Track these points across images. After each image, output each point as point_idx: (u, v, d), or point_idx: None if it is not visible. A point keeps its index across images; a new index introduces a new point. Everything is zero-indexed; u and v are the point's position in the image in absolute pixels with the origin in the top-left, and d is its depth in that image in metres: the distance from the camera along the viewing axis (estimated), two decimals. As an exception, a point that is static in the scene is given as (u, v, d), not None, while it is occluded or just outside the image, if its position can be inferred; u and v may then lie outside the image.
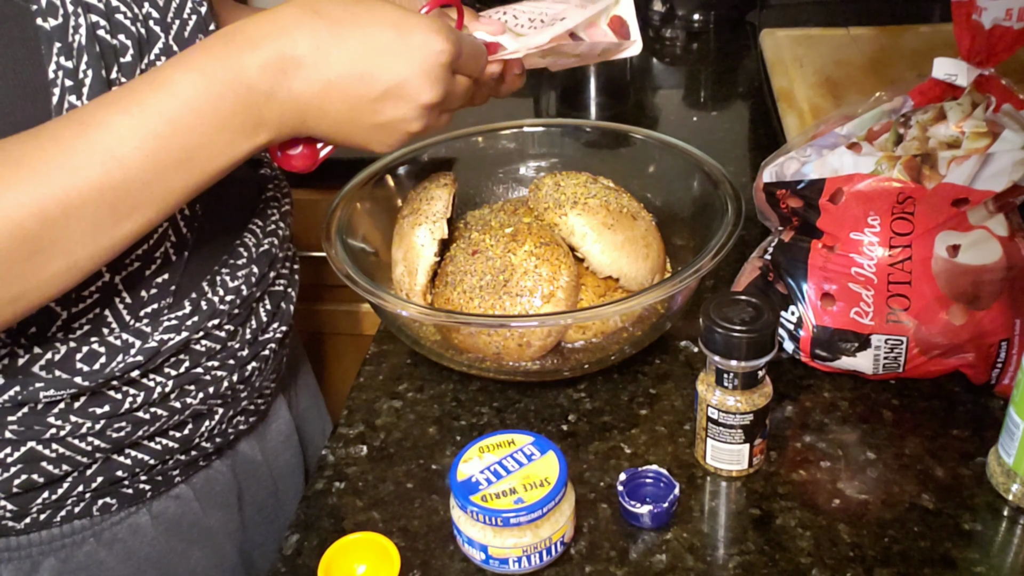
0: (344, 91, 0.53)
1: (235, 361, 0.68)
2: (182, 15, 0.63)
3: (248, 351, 0.69)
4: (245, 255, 0.69)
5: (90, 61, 0.54)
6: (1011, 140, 0.62)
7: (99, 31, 0.55)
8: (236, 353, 0.68)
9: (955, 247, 0.65)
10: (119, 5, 0.57)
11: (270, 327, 0.71)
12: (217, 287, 0.66)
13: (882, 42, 1.08)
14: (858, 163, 0.65)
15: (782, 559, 0.58)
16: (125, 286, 0.60)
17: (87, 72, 0.54)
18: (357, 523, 0.63)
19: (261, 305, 0.70)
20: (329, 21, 0.52)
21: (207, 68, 0.50)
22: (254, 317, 0.70)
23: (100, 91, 0.54)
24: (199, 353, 0.65)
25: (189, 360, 0.64)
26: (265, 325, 0.71)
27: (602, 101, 1.25)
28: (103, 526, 0.65)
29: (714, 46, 1.39)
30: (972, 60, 0.64)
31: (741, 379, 0.60)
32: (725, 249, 0.67)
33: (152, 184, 0.50)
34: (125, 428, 0.62)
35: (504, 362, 0.71)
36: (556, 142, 0.89)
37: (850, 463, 0.65)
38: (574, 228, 0.72)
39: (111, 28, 0.56)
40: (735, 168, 1.02)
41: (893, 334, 0.67)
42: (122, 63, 0.57)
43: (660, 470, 0.63)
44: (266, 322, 0.71)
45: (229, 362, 0.67)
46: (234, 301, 0.66)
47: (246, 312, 0.68)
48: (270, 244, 0.72)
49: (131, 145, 0.49)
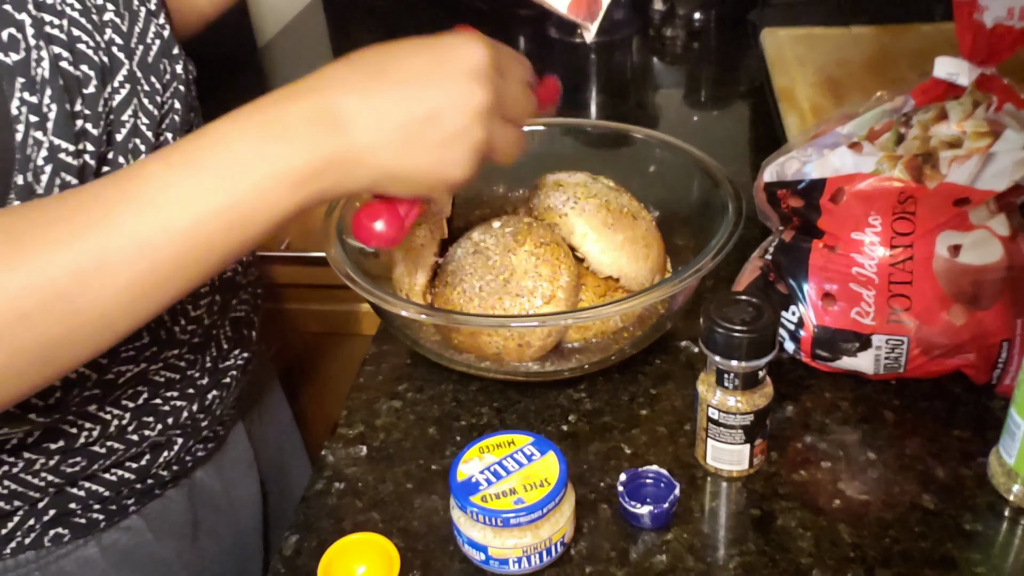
0: (394, 121, 0.50)
1: (195, 390, 0.67)
2: (145, 40, 0.62)
3: (209, 380, 0.68)
4: (208, 283, 0.67)
5: (54, 95, 0.53)
6: (1012, 140, 0.62)
7: (62, 63, 0.54)
8: (196, 382, 0.67)
9: (956, 247, 0.65)
10: (80, 35, 0.56)
11: (231, 354, 0.71)
12: (178, 316, 0.64)
13: (883, 41, 1.08)
14: (859, 163, 0.65)
15: (783, 560, 0.58)
16: None
17: (51, 106, 0.53)
18: (357, 523, 0.63)
19: (222, 332, 0.70)
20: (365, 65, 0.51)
21: (256, 124, 0.49)
22: (215, 345, 0.69)
23: (65, 124, 0.53)
24: (158, 384, 0.64)
25: (148, 391, 0.63)
26: (226, 352, 0.70)
27: (602, 101, 1.25)
28: (49, 559, 0.63)
29: (715, 45, 1.39)
30: (974, 59, 0.64)
31: (742, 379, 0.60)
32: (726, 249, 0.67)
33: (196, 240, 0.47)
34: (80, 463, 0.60)
35: (504, 362, 0.71)
36: (556, 142, 0.88)
37: (851, 463, 0.65)
38: (574, 228, 0.72)
39: (74, 59, 0.55)
40: (736, 168, 1.02)
41: (894, 334, 0.67)
42: (85, 94, 0.56)
43: (660, 470, 0.63)
44: (227, 349, 0.70)
45: (189, 391, 0.66)
46: (195, 331, 0.65)
47: (207, 341, 0.67)
48: (233, 272, 0.71)
49: (175, 199, 0.46)
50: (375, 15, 1.53)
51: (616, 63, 1.36)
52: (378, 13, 1.54)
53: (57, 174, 0.53)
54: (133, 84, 0.60)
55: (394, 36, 0.59)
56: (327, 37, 1.50)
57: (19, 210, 0.47)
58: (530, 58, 0.62)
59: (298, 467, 0.92)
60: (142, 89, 0.61)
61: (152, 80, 0.62)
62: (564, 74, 1.32)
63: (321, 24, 1.54)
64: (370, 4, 1.55)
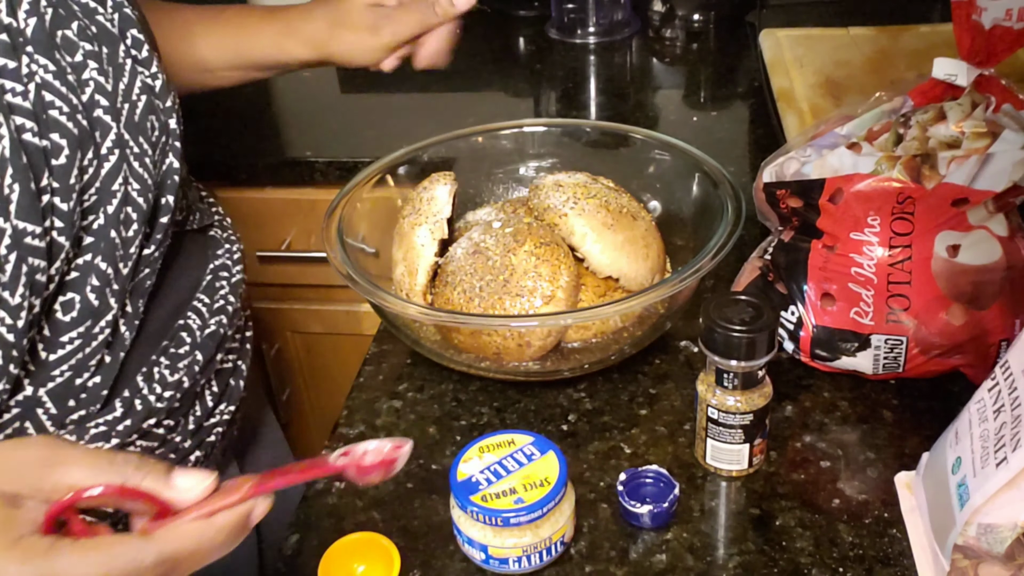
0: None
1: (177, 455, 0.62)
2: (131, 97, 0.57)
3: (191, 441, 0.63)
4: (188, 340, 0.63)
5: (15, 174, 0.48)
6: (1011, 140, 0.62)
7: (25, 135, 0.49)
8: (178, 447, 0.62)
9: (955, 247, 0.65)
10: (53, 99, 0.51)
11: (216, 410, 0.66)
12: (154, 383, 0.59)
13: (882, 42, 1.08)
14: (858, 163, 0.65)
15: (782, 559, 0.58)
16: (50, 397, 0.55)
17: (13, 187, 0.48)
18: (357, 523, 0.63)
19: (207, 390, 0.65)
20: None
21: None
22: (199, 404, 0.64)
23: (29, 205, 0.49)
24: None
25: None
26: (211, 409, 0.65)
27: (602, 101, 1.25)
28: None
29: (714, 46, 1.39)
30: (972, 60, 0.64)
31: (741, 379, 0.60)
32: (725, 249, 0.67)
33: None
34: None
35: (504, 362, 0.71)
36: (556, 142, 0.89)
37: (850, 463, 0.65)
38: (574, 228, 0.72)
39: (41, 128, 0.50)
40: (735, 168, 1.02)
41: (893, 334, 0.67)
42: (54, 166, 0.51)
43: (660, 470, 0.63)
44: (212, 406, 0.65)
45: (170, 456, 0.62)
46: (173, 396, 0.60)
47: (188, 402, 0.63)
48: (217, 324, 0.65)
49: None
50: (375, 16, 1.53)
51: (616, 64, 1.36)
52: (378, 14, 1.54)
53: (23, 261, 0.49)
54: (122, 148, 0.55)
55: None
56: (327, 38, 1.50)
57: None
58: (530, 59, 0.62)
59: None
60: (131, 152, 0.56)
61: (140, 141, 0.57)
62: (564, 74, 1.32)
63: (321, 25, 1.53)
64: (370, 5, 1.55)
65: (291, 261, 1.20)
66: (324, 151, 1.13)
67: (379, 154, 0.83)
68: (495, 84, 1.31)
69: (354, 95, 1.31)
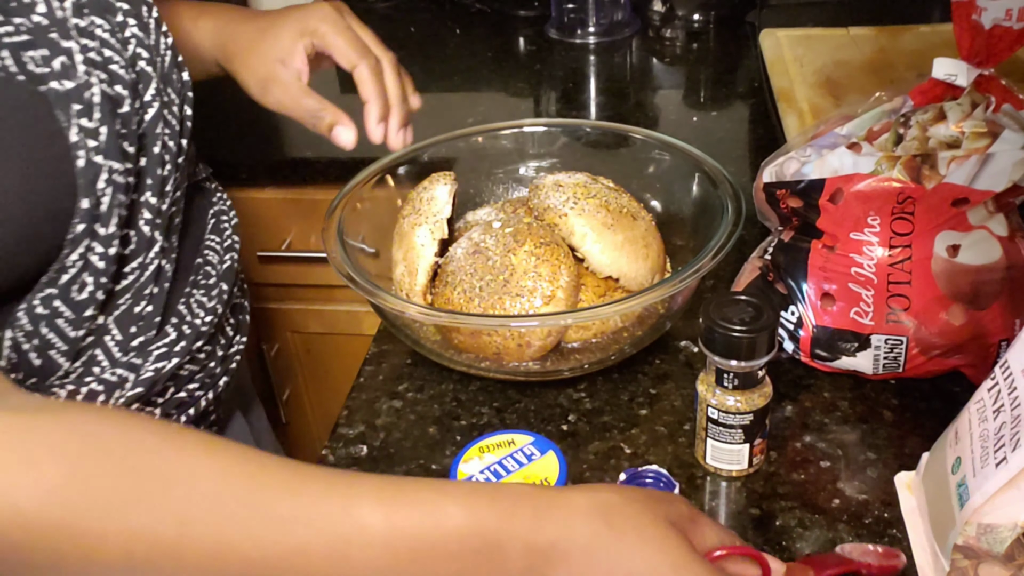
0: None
1: (211, 380, 0.69)
2: (160, 51, 0.63)
3: (220, 368, 0.70)
4: (214, 274, 0.70)
5: (103, 118, 0.55)
6: (1011, 140, 0.62)
7: (103, 85, 0.56)
8: (212, 372, 0.69)
9: (955, 247, 0.65)
10: (112, 55, 0.58)
11: (234, 340, 0.73)
12: (195, 309, 0.67)
13: (882, 42, 1.08)
14: (858, 163, 0.65)
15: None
16: (116, 324, 0.61)
17: (101, 130, 0.55)
18: (357, 523, 0.63)
19: (226, 321, 0.72)
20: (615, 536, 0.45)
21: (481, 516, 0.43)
22: (222, 334, 0.71)
23: (113, 146, 0.56)
24: (183, 378, 0.66)
25: (175, 386, 0.65)
26: (232, 339, 0.73)
27: (602, 101, 1.25)
28: None
29: (714, 46, 1.39)
30: (972, 60, 0.64)
31: (741, 379, 0.60)
32: (725, 249, 0.67)
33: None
34: None
35: (504, 362, 0.71)
36: (556, 142, 0.89)
37: (850, 463, 0.65)
38: (574, 228, 0.72)
39: (110, 80, 0.57)
40: (735, 168, 1.02)
41: (893, 334, 0.67)
42: (121, 114, 0.58)
43: (660, 470, 0.63)
44: (232, 336, 0.73)
45: (207, 381, 0.69)
46: (212, 320, 0.68)
47: (218, 331, 0.70)
48: (231, 259, 0.73)
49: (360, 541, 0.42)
50: (375, 16, 1.53)
51: (616, 64, 1.36)
52: (378, 14, 1.54)
53: (116, 195, 0.56)
54: (160, 97, 0.62)
55: (394, 37, 0.58)
56: (327, 38, 1.50)
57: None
58: (530, 59, 0.62)
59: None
60: (165, 100, 0.63)
61: (169, 91, 0.64)
62: (564, 74, 1.32)
63: (321, 25, 1.54)
64: (370, 5, 1.55)
65: (291, 261, 1.20)
66: (324, 151, 1.13)
67: (379, 154, 0.83)
68: (495, 84, 1.31)
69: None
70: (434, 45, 1.42)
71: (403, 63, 0.86)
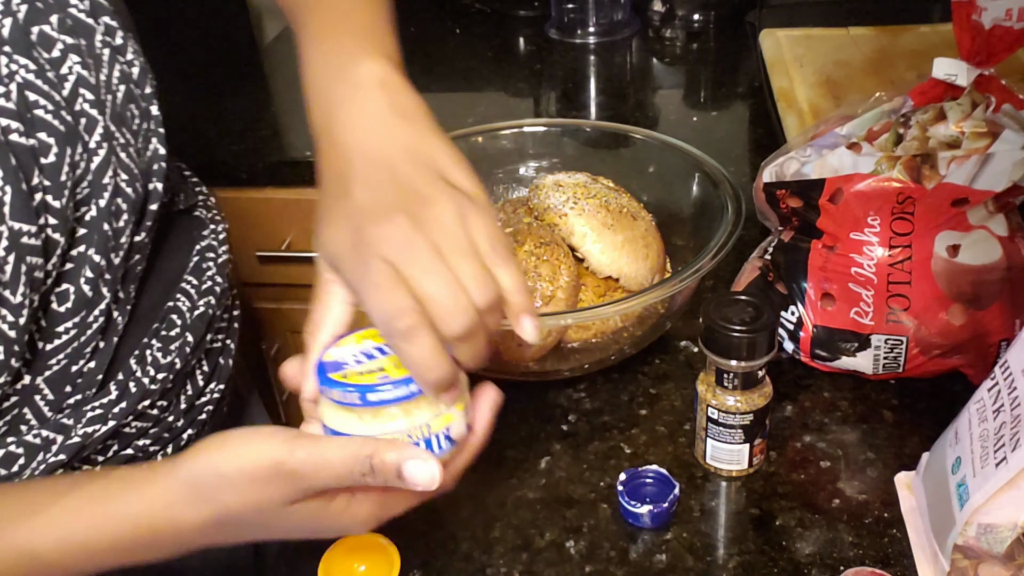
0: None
1: (170, 434, 0.63)
2: (111, 86, 0.56)
3: (184, 420, 0.64)
4: (179, 323, 0.63)
5: (6, 176, 0.48)
6: (1011, 140, 0.62)
7: (12, 136, 0.49)
8: (171, 426, 0.63)
9: (955, 247, 0.65)
10: (37, 99, 0.51)
11: (207, 389, 0.66)
12: (147, 365, 0.60)
13: (882, 42, 1.08)
14: (858, 163, 0.65)
15: (782, 559, 0.58)
16: (47, 384, 0.56)
17: (4, 189, 0.48)
18: (357, 523, 0.63)
19: (198, 369, 0.66)
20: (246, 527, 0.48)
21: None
22: (190, 383, 0.65)
23: (23, 206, 0.49)
24: (130, 435, 0.60)
25: (118, 444, 0.60)
26: (201, 389, 0.66)
27: (602, 101, 1.25)
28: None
29: (714, 46, 1.39)
30: (972, 60, 0.64)
31: (741, 379, 0.60)
32: (725, 249, 0.67)
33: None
34: None
35: (504, 362, 0.71)
36: (556, 142, 0.89)
37: (850, 463, 0.65)
38: (574, 228, 0.72)
39: (27, 128, 0.50)
40: (735, 168, 1.02)
41: (893, 334, 0.67)
42: (44, 164, 0.51)
43: (660, 470, 0.63)
44: (203, 386, 0.66)
45: (164, 436, 0.63)
46: (166, 377, 0.61)
47: (181, 382, 0.64)
48: (206, 305, 0.65)
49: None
50: (375, 16, 1.53)
51: (616, 64, 1.36)
52: (378, 14, 1.54)
53: (22, 260, 0.50)
54: (109, 140, 0.55)
55: (394, 36, 0.58)
56: (327, 38, 1.50)
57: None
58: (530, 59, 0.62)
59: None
60: (118, 143, 0.56)
61: (123, 131, 0.57)
62: (564, 74, 1.32)
63: (321, 25, 1.53)
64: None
65: (291, 261, 1.20)
66: (324, 151, 1.12)
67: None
68: (495, 84, 1.31)
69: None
70: (434, 45, 1.42)
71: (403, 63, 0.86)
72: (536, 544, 0.61)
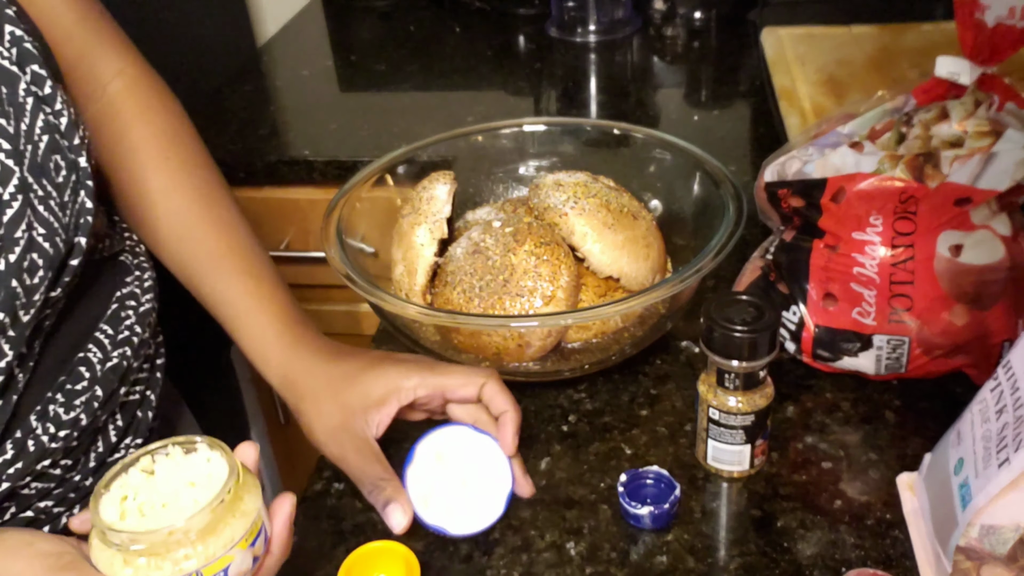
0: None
1: (76, 494, 0.59)
2: (33, 137, 0.53)
3: (93, 479, 0.59)
4: (87, 375, 0.58)
5: None
6: (1014, 139, 0.61)
7: None
8: (78, 485, 0.59)
9: (958, 247, 0.65)
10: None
11: (121, 445, 0.62)
12: (48, 422, 0.55)
13: (884, 40, 1.08)
14: (860, 162, 0.65)
15: (783, 560, 0.58)
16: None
17: None
18: (356, 525, 0.63)
19: (111, 423, 0.61)
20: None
21: None
22: (101, 439, 0.60)
23: None
24: (28, 497, 0.56)
25: (16, 506, 0.56)
26: (115, 444, 0.61)
27: (602, 100, 1.25)
28: None
29: (715, 45, 1.39)
30: (975, 59, 0.64)
31: (742, 379, 0.60)
32: (726, 249, 0.67)
33: None
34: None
35: (504, 362, 0.71)
36: (556, 141, 0.88)
37: (852, 464, 0.64)
38: (574, 228, 0.72)
39: None
40: (736, 167, 1.02)
41: (895, 334, 0.66)
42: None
43: (661, 471, 0.62)
44: (116, 441, 0.61)
45: (70, 496, 0.58)
46: (69, 435, 0.56)
47: (89, 439, 0.59)
48: (120, 356, 0.60)
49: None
50: (374, 14, 1.53)
51: (616, 63, 1.36)
52: (377, 13, 1.54)
53: None
54: (25, 193, 0.51)
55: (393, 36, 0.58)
56: (327, 37, 1.50)
57: None
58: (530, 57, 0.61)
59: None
60: (36, 196, 0.52)
61: (44, 183, 0.53)
62: (564, 73, 1.32)
63: (321, 24, 1.53)
64: (369, 4, 1.55)
65: (290, 261, 1.20)
66: (323, 151, 1.12)
67: (378, 154, 0.83)
68: (495, 83, 1.30)
69: (353, 94, 1.31)
70: (434, 44, 1.42)
71: (403, 62, 0.86)
72: (536, 545, 0.60)
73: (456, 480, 0.61)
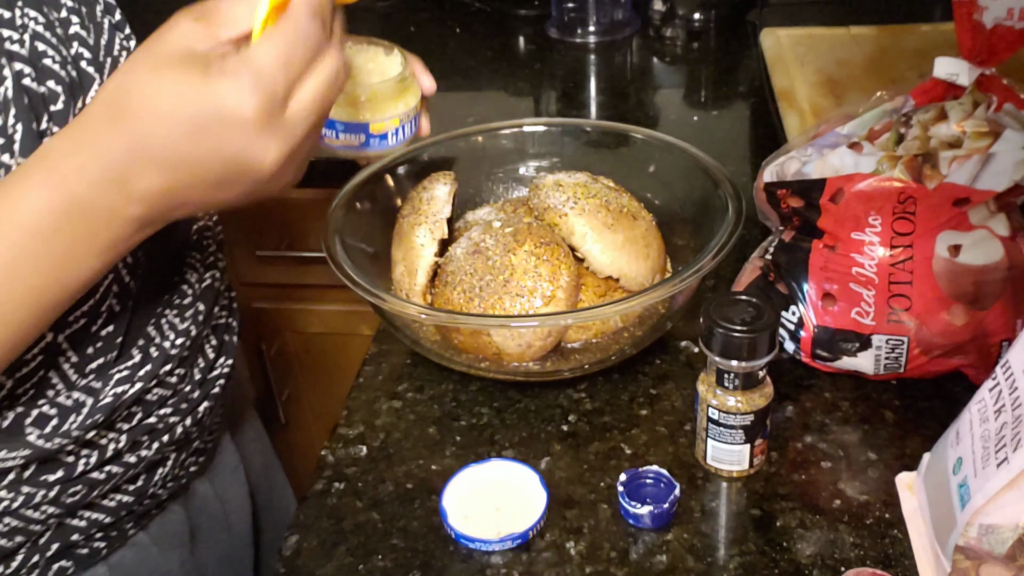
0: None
1: (187, 405, 0.65)
2: (112, 52, 0.59)
3: (199, 392, 0.66)
4: (190, 293, 0.66)
5: (18, 114, 0.51)
6: (1012, 140, 0.62)
7: (24, 79, 0.52)
8: (188, 396, 0.65)
9: (956, 247, 0.65)
10: (46, 49, 0.54)
11: (217, 363, 0.69)
12: (165, 331, 0.63)
13: (883, 41, 1.08)
14: (859, 163, 0.65)
15: (783, 560, 0.58)
16: (70, 344, 0.57)
17: (16, 127, 0.51)
18: (356, 524, 0.63)
19: (207, 343, 0.68)
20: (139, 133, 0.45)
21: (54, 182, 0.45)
22: (201, 356, 0.67)
23: (32, 145, 0.51)
24: (152, 403, 0.62)
25: (142, 411, 0.61)
26: (212, 362, 0.68)
27: (602, 100, 1.25)
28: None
29: (714, 45, 1.39)
30: (973, 59, 0.64)
31: (742, 379, 0.60)
32: (726, 249, 0.67)
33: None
34: (80, 491, 0.59)
35: (504, 362, 0.71)
36: (556, 142, 0.88)
37: (851, 464, 0.65)
38: (574, 228, 0.72)
39: (38, 75, 0.53)
40: (735, 168, 1.02)
41: (894, 334, 0.67)
42: (53, 111, 0.54)
43: (660, 470, 0.63)
44: (213, 359, 0.68)
45: (182, 406, 0.65)
46: (184, 343, 0.64)
47: (195, 353, 0.66)
48: (211, 277, 0.69)
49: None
50: (374, 14, 1.53)
51: (616, 63, 1.36)
52: (377, 13, 1.54)
53: None
54: None
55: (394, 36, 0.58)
56: (327, 37, 1.50)
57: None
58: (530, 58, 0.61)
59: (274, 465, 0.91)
60: None
61: None
62: (564, 74, 1.32)
63: (321, 24, 1.53)
64: (369, 4, 1.55)
65: (291, 261, 1.20)
66: (323, 150, 1.12)
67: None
68: (495, 83, 1.30)
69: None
70: (434, 44, 1.42)
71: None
72: (536, 544, 0.60)
73: (492, 503, 0.62)
